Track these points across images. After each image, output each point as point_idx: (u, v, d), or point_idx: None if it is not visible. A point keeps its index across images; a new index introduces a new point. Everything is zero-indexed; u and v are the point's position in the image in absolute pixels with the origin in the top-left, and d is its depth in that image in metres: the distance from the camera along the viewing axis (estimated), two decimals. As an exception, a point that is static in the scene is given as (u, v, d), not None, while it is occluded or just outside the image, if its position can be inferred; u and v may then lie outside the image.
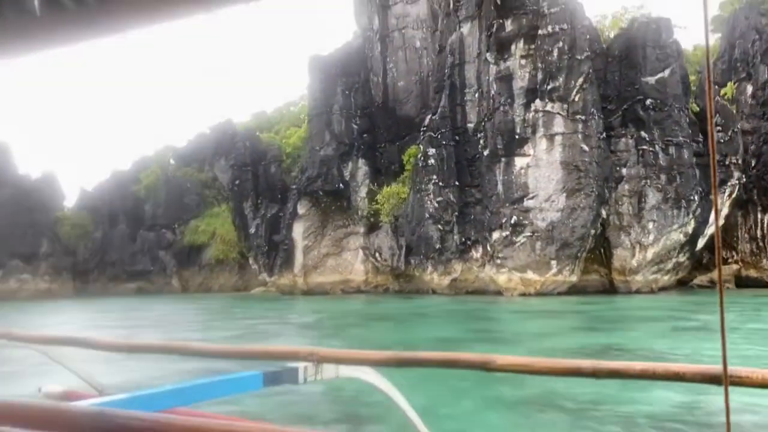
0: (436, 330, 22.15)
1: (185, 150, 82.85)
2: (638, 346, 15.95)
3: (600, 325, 22.69)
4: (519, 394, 9.92)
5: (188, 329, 24.19)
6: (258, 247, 51.93)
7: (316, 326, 25.72)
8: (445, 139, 43.19)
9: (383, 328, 23.83)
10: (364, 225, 50.39)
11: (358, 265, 51.04)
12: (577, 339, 18.11)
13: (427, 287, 45.13)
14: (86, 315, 37.56)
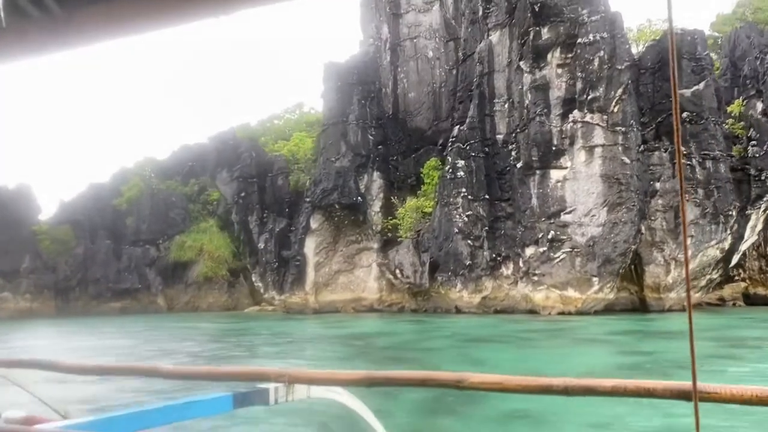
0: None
1: (168, 162, 78.93)
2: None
3: (730, 350, 20.60)
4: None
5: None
6: (267, 263, 48.71)
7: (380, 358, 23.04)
8: (474, 151, 41.13)
9: (477, 356, 21.28)
10: (378, 241, 47.82)
11: (371, 283, 48.36)
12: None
13: (449, 305, 42.75)
14: (74, 337, 33.93)
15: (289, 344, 27.04)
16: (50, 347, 28.93)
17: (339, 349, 25.02)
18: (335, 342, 27.70)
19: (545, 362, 18.35)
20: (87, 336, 34.08)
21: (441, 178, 42.25)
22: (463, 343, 24.42)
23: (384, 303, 48.08)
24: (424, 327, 32.22)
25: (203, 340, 29.61)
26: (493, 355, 20.43)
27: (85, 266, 61.13)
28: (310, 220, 46.43)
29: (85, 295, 60.31)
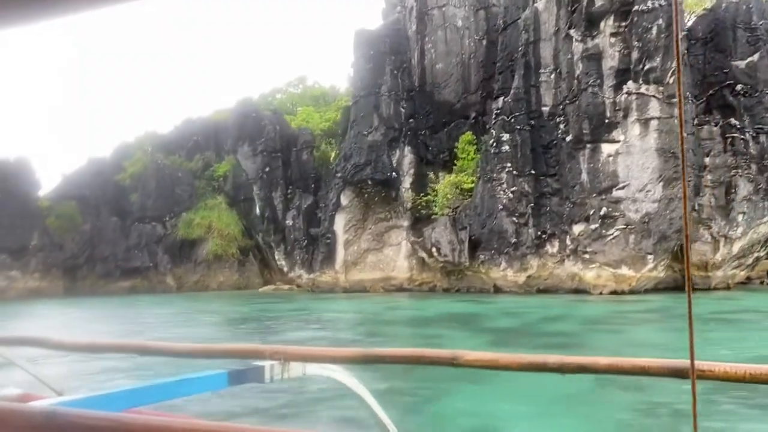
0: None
1: (171, 137, 75.92)
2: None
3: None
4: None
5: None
6: (296, 240, 46.47)
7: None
8: (520, 124, 39.19)
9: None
10: (408, 218, 45.87)
11: (401, 262, 46.50)
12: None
13: (485, 285, 41.17)
14: (89, 323, 31.41)
15: (368, 330, 24.90)
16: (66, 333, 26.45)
17: (459, 336, 22.62)
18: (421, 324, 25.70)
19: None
20: (103, 320, 31.64)
21: (483, 153, 40.31)
22: (591, 326, 22.52)
23: (414, 282, 46.30)
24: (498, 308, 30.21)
25: (246, 327, 27.51)
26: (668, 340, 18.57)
27: (92, 244, 58.37)
28: (341, 197, 44.29)
29: (93, 274, 57.64)
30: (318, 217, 46.70)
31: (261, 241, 68.27)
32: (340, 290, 45.19)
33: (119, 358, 11.64)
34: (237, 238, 66.71)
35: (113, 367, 12.61)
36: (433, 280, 45.72)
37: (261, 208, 49.10)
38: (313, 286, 46.66)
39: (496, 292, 40.40)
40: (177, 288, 62.90)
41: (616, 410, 9.82)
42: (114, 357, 11.37)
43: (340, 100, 78.05)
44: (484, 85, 48.65)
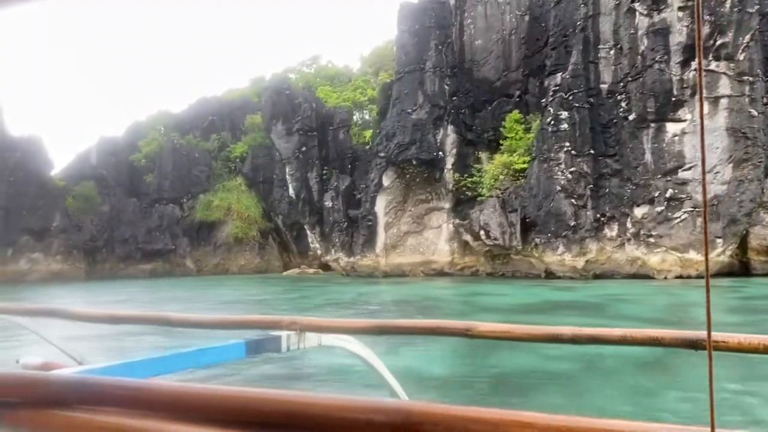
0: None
1: (185, 116, 73.40)
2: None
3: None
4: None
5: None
6: (336, 223, 44.43)
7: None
8: (578, 101, 37.34)
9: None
10: (450, 200, 44.06)
11: (442, 245, 44.72)
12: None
13: (534, 269, 39.54)
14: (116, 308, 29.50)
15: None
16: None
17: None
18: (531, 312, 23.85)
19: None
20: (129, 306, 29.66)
21: (540, 132, 38.42)
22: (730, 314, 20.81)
23: (456, 266, 44.57)
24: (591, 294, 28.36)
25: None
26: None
27: (111, 226, 56.07)
28: (383, 177, 42.33)
29: (112, 257, 55.41)
30: (356, 198, 44.72)
31: (281, 224, 66.30)
32: (380, 274, 43.36)
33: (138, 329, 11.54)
34: (257, 220, 64.78)
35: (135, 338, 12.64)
36: (475, 264, 44.03)
37: (296, 189, 46.90)
38: (351, 270, 44.77)
39: (548, 276, 38.78)
40: (197, 271, 60.87)
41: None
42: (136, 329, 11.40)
43: (356, 79, 75.99)
44: (526, 62, 46.69)
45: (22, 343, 9.92)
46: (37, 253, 47.18)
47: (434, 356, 11.85)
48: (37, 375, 1.07)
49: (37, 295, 35.04)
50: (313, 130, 46.04)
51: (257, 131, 69.56)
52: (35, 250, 47.09)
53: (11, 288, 40.74)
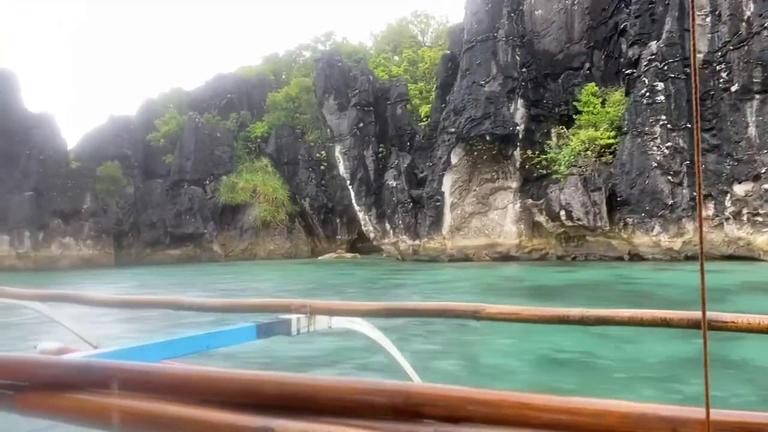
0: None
1: (200, 94, 69.24)
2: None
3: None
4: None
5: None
6: (399, 203, 41.23)
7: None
8: (674, 72, 34.72)
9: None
10: (518, 179, 41.25)
11: (508, 227, 41.92)
12: None
13: (613, 251, 37.11)
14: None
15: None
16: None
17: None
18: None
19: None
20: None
21: (632, 104, 35.71)
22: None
23: (523, 249, 41.83)
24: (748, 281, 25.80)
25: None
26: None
27: (136, 209, 52.13)
28: (451, 155, 39.30)
29: (138, 242, 51.55)
30: (417, 177, 41.64)
31: (308, 207, 63.05)
32: (446, 258, 40.46)
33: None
34: (284, 203, 61.40)
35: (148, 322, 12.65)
36: (545, 247, 41.36)
37: (351, 169, 43.47)
38: (412, 254, 41.74)
39: (632, 259, 36.35)
40: (225, 256, 57.30)
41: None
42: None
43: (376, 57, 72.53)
44: (589, 34, 43.99)
45: (46, 329, 9.27)
46: (67, 238, 43.20)
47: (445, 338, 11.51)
48: (46, 359, 1.07)
49: (72, 287, 31.49)
50: (369, 104, 42.65)
51: (280, 110, 66.04)
52: (66, 235, 43.10)
53: (43, 277, 36.92)
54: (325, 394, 0.89)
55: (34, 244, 40.80)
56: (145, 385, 0.97)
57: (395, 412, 0.86)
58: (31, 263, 40.67)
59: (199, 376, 0.96)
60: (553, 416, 0.81)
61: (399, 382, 0.93)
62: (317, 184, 63.07)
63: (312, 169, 63.41)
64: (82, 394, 0.98)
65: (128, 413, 0.94)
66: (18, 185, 41.08)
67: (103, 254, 45.93)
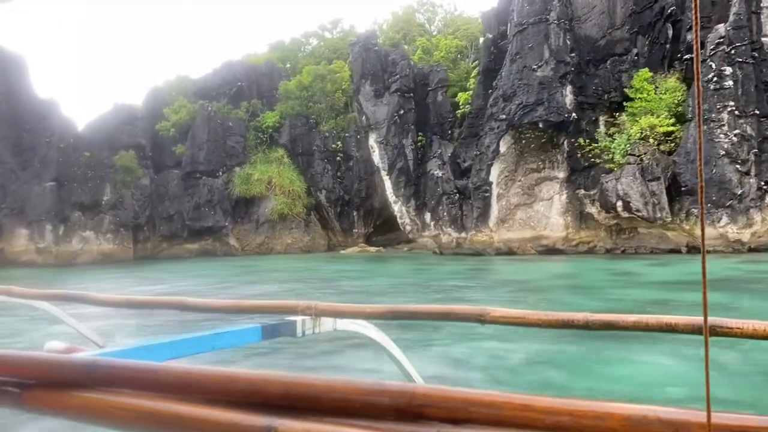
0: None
1: (208, 82, 66.34)
2: None
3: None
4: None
5: None
6: (445, 194, 39.19)
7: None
8: (741, 56, 33.21)
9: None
10: (565, 168, 39.55)
11: (555, 218, 40.21)
12: None
13: (666, 243, 35.69)
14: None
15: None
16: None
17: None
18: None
19: None
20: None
21: (703, 89, 34.14)
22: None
23: (570, 242, 40.16)
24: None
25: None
26: None
27: (151, 201, 49.39)
28: (500, 143, 37.43)
29: (155, 236, 48.90)
30: (460, 167, 39.70)
31: (324, 200, 60.84)
32: (493, 251, 38.64)
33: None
34: (301, 195, 59.07)
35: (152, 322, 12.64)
36: (593, 240, 39.74)
37: (390, 158, 41.25)
38: (457, 247, 39.83)
39: (690, 251, 34.90)
40: (241, 250, 54.83)
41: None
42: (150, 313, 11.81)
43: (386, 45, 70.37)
44: (633, 19, 42.38)
45: (56, 329, 9.15)
46: (88, 232, 40.43)
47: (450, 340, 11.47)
48: (53, 357, 1.07)
49: (98, 286, 29.08)
50: (410, 90, 40.46)
51: (293, 99, 63.58)
52: (86, 228, 40.30)
53: (65, 273, 34.29)
54: (328, 395, 0.89)
55: (55, 238, 38.01)
56: (151, 383, 0.97)
57: (398, 413, 0.86)
58: (51, 259, 37.92)
59: (203, 375, 0.96)
60: (555, 418, 0.80)
61: (402, 383, 0.92)
62: (333, 176, 60.91)
63: (327, 161, 61.18)
64: (88, 392, 0.99)
65: (133, 411, 0.94)
66: (36, 175, 38.23)
67: (121, 249, 43.27)
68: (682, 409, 0.79)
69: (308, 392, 0.90)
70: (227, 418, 0.89)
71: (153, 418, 0.93)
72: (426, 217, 41.31)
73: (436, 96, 40.82)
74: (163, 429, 0.92)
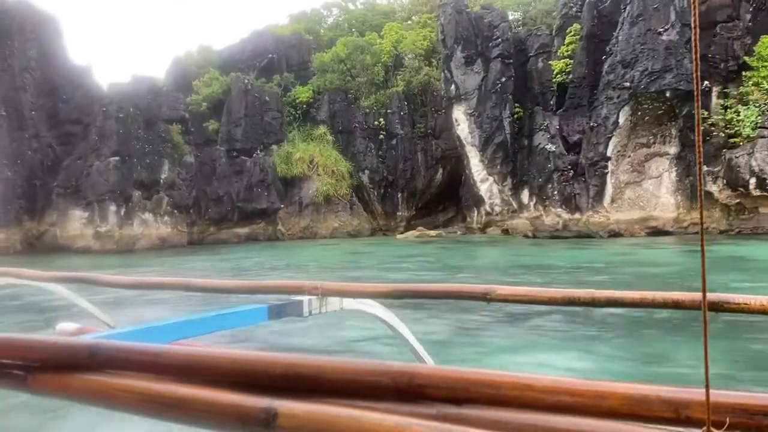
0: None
1: (236, 53, 60.85)
2: None
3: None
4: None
5: None
6: (557, 170, 35.24)
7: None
8: None
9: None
10: (677, 144, 36.13)
11: (665, 198, 36.82)
12: None
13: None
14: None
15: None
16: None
17: None
18: None
19: None
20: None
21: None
22: None
23: (680, 223, 36.85)
24: None
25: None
26: None
27: (196, 180, 44.18)
28: (620, 114, 33.71)
29: (202, 219, 43.78)
30: (567, 141, 35.87)
31: (366, 181, 56.58)
32: (605, 234, 35.04)
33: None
34: (345, 176, 54.56)
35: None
36: (706, 221, 36.48)
37: (486, 132, 36.96)
38: (564, 229, 36.07)
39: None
40: (287, 235, 50.11)
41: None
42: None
43: (423, 16, 65.93)
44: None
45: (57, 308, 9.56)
46: (147, 213, 35.22)
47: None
48: (57, 339, 1.07)
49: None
50: (509, 56, 36.29)
51: (331, 72, 58.82)
52: (145, 210, 35.10)
53: (133, 260, 29.37)
54: (329, 375, 0.89)
55: (119, 221, 32.80)
56: (153, 366, 0.97)
57: (399, 393, 0.86)
58: (111, 244, 32.74)
59: (204, 357, 0.96)
60: (556, 398, 0.80)
61: (403, 363, 0.93)
62: (376, 155, 56.64)
63: (370, 139, 56.85)
64: (91, 374, 0.98)
65: (136, 394, 0.94)
66: (94, 149, 32.86)
67: (176, 233, 38.22)
68: (681, 388, 0.78)
69: (309, 373, 0.89)
70: (228, 400, 0.88)
71: (155, 400, 0.92)
72: (523, 196, 37.37)
73: (537, 63, 36.78)
74: (166, 411, 0.91)
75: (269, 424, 0.83)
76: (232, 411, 0.87)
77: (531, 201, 37.19)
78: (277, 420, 0.83)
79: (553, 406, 0.80)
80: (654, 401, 0.76)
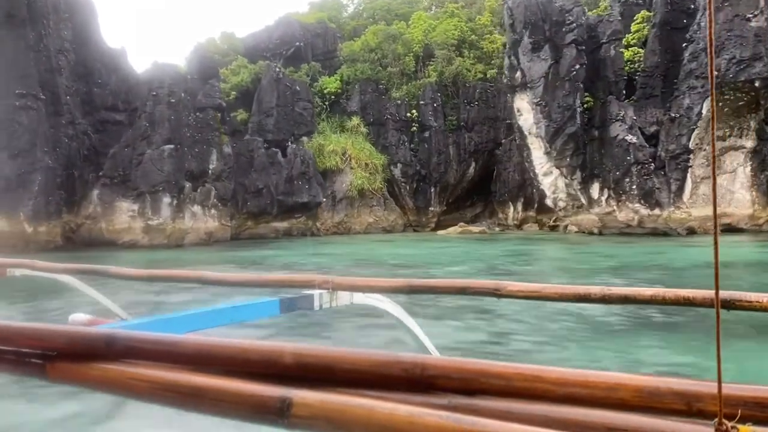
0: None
1: (261, 41, 57.93)
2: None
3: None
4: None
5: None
6: (638, 163, 33.04)
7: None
8: None
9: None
10: (753, 137, 34.24)
11: (740, 194, 34.92)
12: None
13: None
14: None
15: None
16: None
17: None
18: None
19: None
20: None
21: None
22: None
23: (756, 221, 34.99)
24: None
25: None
26: None
27: (234, 171, 41.39)
28: (704, 105, 31.69)
29: (240, 213, 41.06)
30: (643, 132, 33.76)
31: (399, 175, 54.26)
32: (684, 230, 33.03)
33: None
34: (379, 169, 52.14)
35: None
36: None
37: (557, 122, 34.63)
38: (638, 226, 33.97)
39: None
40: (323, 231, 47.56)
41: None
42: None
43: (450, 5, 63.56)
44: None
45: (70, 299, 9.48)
46: (196, 206, 32.50)
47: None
48: (75, 329, 1.09)
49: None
50: (583, 43, 34.06)
51: (361, 62, 56.30)
52: (195, 202, 32.38)
53: (180, 255, 26.79)
54: (342, 366, 0.90)
55: (172, 214, 30.06)
56: (168, 355, 0.98)
57: (410, 383, 0.87)
58: (162, 239, 30.00)
59: (220, 347, 0.97)
60: (567, 389, 0.80)
61: (414, 354, 0.92)
62: (408, 148, 54.35)
63: (402, 131, 54.50)
64: (108, 363, 0.99)
65: (152, 383, 0.95)
66: (144, 136, 30.06)
67: (221, 227, 35.58)
68: (693, 380, 0.78)
69: (322, 363, 0.90)
70: (243, 389, 0.89)
71: (171, 389, 0.93)
72: (593, 190, 35.22)
73: (610, 50, 34.62)
74: (181, 400, 0.92)
75: (284, 413, 0.84)
76: (247, 400, 0.87)
77: (602, 195, 35.07)
78: (292, 409, 0.83)
79: (564, 398, 0.79)
80: (666, 393, 0.75)
